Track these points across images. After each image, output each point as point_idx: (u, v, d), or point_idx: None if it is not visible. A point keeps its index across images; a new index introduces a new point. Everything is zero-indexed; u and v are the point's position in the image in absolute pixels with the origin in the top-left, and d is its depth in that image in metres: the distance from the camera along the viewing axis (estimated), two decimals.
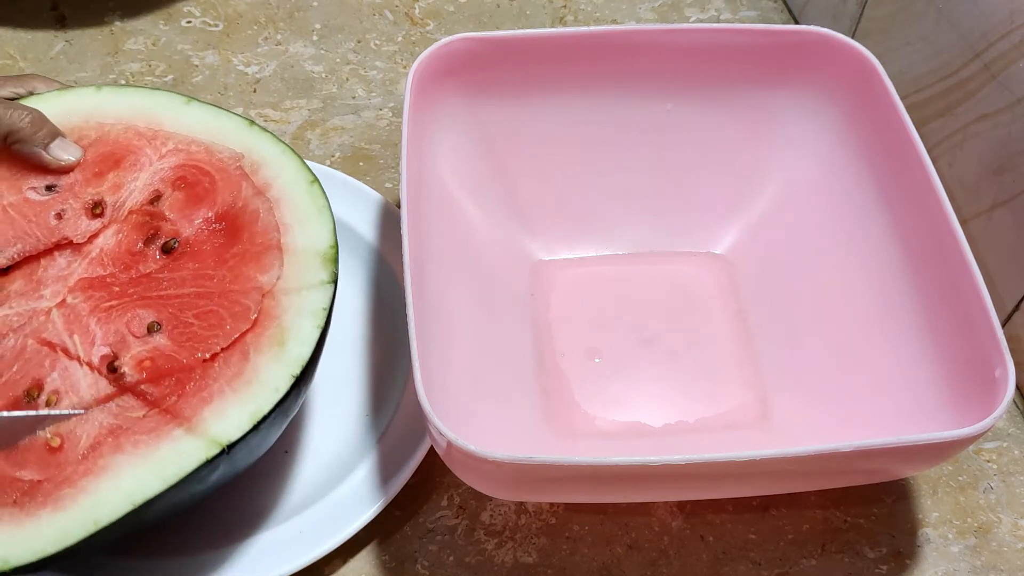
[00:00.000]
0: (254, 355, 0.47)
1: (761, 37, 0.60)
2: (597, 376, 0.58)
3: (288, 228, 0.50)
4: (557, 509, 0.55)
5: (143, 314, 0.48)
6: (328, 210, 0.51)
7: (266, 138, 0.54)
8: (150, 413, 0.45)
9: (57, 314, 0.48)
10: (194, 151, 0.53)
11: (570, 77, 0.61)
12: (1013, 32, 0.56)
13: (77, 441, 0.45)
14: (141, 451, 0.44)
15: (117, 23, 0.78)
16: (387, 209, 0.64)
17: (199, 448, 0.45)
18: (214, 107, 0.55)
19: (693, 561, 0.54)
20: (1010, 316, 0.59)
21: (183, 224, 0.51)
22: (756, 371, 0.58)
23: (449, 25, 0.79)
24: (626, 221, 0.64)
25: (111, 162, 0.53)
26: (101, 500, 0.43)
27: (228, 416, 0.45)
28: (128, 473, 0.44)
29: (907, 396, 0.52)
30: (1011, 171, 0.57)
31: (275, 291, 0.49)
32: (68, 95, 0.55)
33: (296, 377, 0.46)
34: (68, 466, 0.44)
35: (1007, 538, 0.55)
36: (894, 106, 0.56)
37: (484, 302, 0.59)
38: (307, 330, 0.48)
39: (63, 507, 0.43)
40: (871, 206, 0.58)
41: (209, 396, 0.46)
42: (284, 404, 0.46)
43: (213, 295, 0.49)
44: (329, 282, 0.49)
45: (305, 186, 0.52)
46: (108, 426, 0.45)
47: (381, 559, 0.53)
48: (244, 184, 0.52)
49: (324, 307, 0.48)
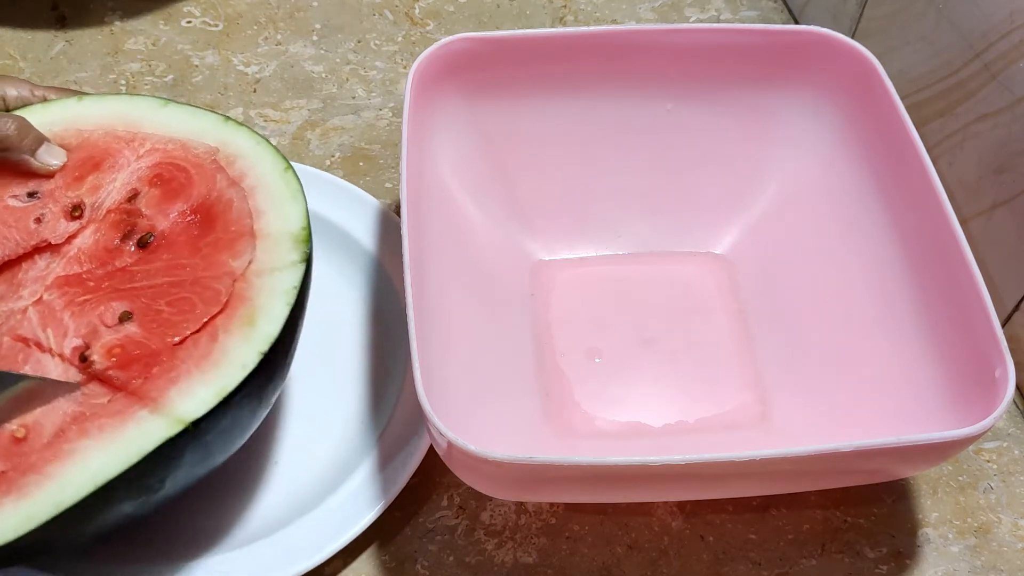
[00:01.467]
0: (223, 336, 0.47)
1: (761, 37, 0.60)
2: (597, 376, 0.58)
3: (262, 214, 0.51)
4: (557, 509, 0.55)
5: (115, 306, 0.49)
6: (301, 194, 0.52)
7: (241, 132, 0.54)
8: (116, 397, 0.46)
9: (33, 311, 0.49)
10: (170, 149, 0.54)
11: (570, 77, 0.61)
12: (1013, 32, 0.56)
13: (42, 431, 0.45)
14: (106, 434, 0.44)
15: (117, 23, 0.78)
16: (383, 213, 0.63)
17: (162, 427, 0.44)
18: (191, 107, 0.56)
19: (693, 561, 0.54)
20: (1010, 316, 0.59)
21: (159, 219, 0.51)
22: (756, 371, 0.58)
23: (449, 25, 0.79)
24: (626, 221, 0.64)
25: (90, 165, 0.53)
26: (64, 483, 0.43)
27: (194, 395, 0.45)
28: (92, 455, 0.44)
29: (907, 396, 0.52)
30: (1011, 171, 0.57)
31: (247, 274, 0.49)
32: (52, 106, 0.55)
33: (264, 354, 0.46)
34: (33, 454, 0.44)
35: (1007, 538, 0.55)
36: (894, 106, 0.56)
37: (484, 302, 0.59)
38: (277, 308, 0.48)
39: (27, 494, 0.43)
40: (871, 206, 0.58)
41: (176, 377, 0.46)
42: (255, 382, 0.46)
43: (185, 283, 0.49)
44: (300, 261, 0.49)
45: (279, 173, 0.52)
46: (73, 413, 0.45)
47: (381, 559, 0.53)
48: (219, 176, 0.52)
49: (295, 286, 0.48)
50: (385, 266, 0.62)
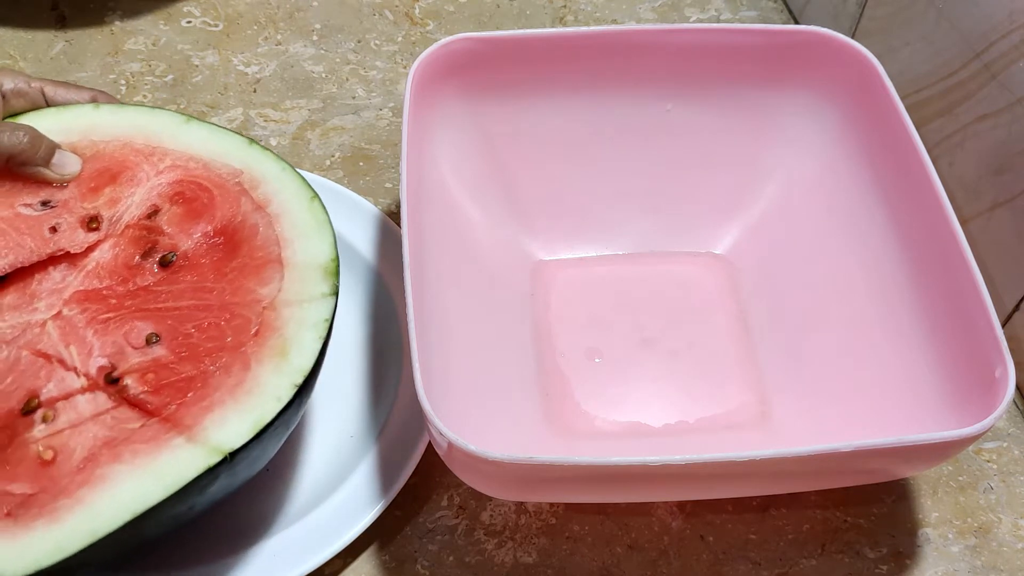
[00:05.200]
0: (255, 365, 0.46)
1: (761, 37, 0.60)
2: (597, 376, 0.58)
3: (288, 242, 0.50)
4: (557, 509, 0.55)
5: (141, 326, 0.48)
6: (328, 225, 0.51)
7: (266, 156, 0.53)
8: (149, 422, 0.45)
9: (52, 326, 0.48)
10: (192, 167, 0.53)
11: (570, 77, 0.61)
12: (1013, 32, 0.56)
13: (71, 453, 0.44)
14: (140, 460, 0.44)
15: (117, 23, 0.78)
16: (378, 217, 0.63)
17: (200, 456, 0.44)
18: (214, 126, 0.55)
19: (693, 561, 0.54)
20: (1010, 316, 0.59)
21: (181, 238, 0.51)
22: (756, 371, 0.58)
23: (449, 25, 0.79)
24: (626, 221, 0.64)
25: (107, 177, 0.52)
26: (99, 510, 0.42)
27: (229, 424, 0.45)
28: (127, 482, 0.43)
29: (907, 396, 0.52)
30: (1011, 171, 0.57)
31: (276, 303, 0.48)
32: (65, 112, 0.54)
33: (298, 387, 0.46)
34: (63, 478, 0.43)
35: (1007, 538, 0.55)
36: (894, 106, 0.56)
37: (484, 302, 0.59)
38: (309, 341, 0.47)
39: (59, 518, 0.42)
40: (871, 206, 0.58)
41: (210, 405, 0.45)
42: (286, 414, 0.46)
43: (212, 307, 0.48)
44: (330, 294, 0.49)
45: (306, 202, 0.52)
46: (103, 438, 0.44)
47: (381, 559, 0.53)
48: (243, 199, 0.52)
49: (326, 319, 0.48)
50: (382, 269, 0.62)
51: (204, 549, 0.51)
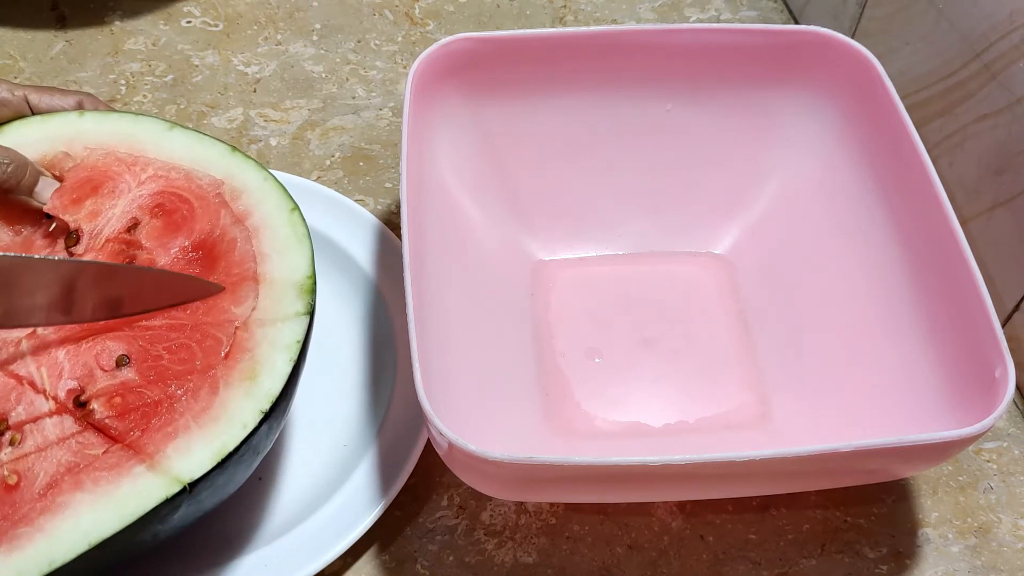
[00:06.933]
0: (223, 389, 0.46)
1: (761, 37, 0.60)
2: (597, 376, 0.58)
3: (265, 258, 0.49)
4: (557, 509, 0.55)
5: (112, 346, 0.47)
6: (307, 239, 0.50)
7: (248, 165, 0.53)
8: (112, 449, 0.44)
9: (27, 345, 0.47)
10: (173, 177, 0.52)
11: (570, 77, 0.61)
12: (1013, 32, 0.56)
13: (35, 479, 0.43)
14: (101, 488, 0.43)
15: (117, 23, 0.78)
16: (374, 223, 0.63)
17: (160, 486, 0.43)
18: (197, 132, 0.54)
19: (693, 561, 0.54)
20: (1010, 316, 0.59)
21: (159, 252, 0.50)
22: (756, 371, 0.58)
23: (449, 25, 0.79)
24: (626, 221, 0.64)
25: (89, 188, 0.52)
26: (58, 539, 0.42)
27: (192, 453, 0.44)
28: (87, 511, 0.43)
29: (907, 396, 0.52)
30: (1011, 171, 0.57)
31: (249, 323, 0.48)
32: (51, 121, 0.54)
33: (265, 413, 0.45)
34: (25, 504, 0.43)
35: (1007, 538, 0.55)
36: (894, 106, 0.56)
37: (484, 302, 0.58)
38: (280, 364, 0.47)
39: (19, 546, 0.42)
40: (871, 206, 0.58)
41: (174, 431, 0.45)
42: (252, 440, 0.45)
43: (185, 328, 0.48)
44: (304, 313, 0.48)
45: (286, 215, 0.51)
46: (67, 463, 0.44)
47: (381, 559, 0.53)
48: (223, 212, 0.51)
49: (298, 340, 0.47)
50: (378, 273, 0.61)
51: (202, 555, 0.51)
